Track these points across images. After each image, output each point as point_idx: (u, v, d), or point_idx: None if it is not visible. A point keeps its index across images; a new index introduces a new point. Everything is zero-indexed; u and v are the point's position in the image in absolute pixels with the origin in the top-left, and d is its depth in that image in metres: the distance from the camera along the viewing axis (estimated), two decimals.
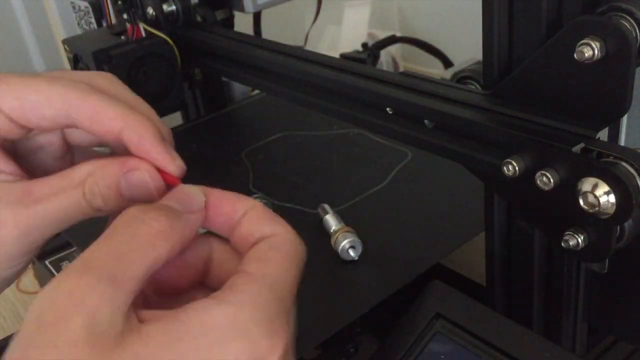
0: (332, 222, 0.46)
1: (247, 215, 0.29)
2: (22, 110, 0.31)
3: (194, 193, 0.29)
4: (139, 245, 0.26)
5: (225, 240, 0.31)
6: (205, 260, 0.31)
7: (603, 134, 0.30)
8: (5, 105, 0.31)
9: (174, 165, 0.31)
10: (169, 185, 0.31)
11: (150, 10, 0.57)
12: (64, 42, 0.59)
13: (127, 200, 0.31)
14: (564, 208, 0.30)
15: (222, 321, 0.25)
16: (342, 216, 0.47)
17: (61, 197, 0.31)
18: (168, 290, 0.30)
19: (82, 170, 0.31)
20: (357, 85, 0.40)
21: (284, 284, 0.27)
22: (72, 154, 0.35)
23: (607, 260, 0.33)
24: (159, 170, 0.31)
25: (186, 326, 0.24)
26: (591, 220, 0.29)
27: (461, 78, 0.57)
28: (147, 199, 0.31)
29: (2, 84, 0.31)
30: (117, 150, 0.32)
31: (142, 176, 0.31)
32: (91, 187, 0.30)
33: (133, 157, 0.31)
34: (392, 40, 0.94)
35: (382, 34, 0.98)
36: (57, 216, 0.31)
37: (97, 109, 0.30)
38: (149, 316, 0.25)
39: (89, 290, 0.24)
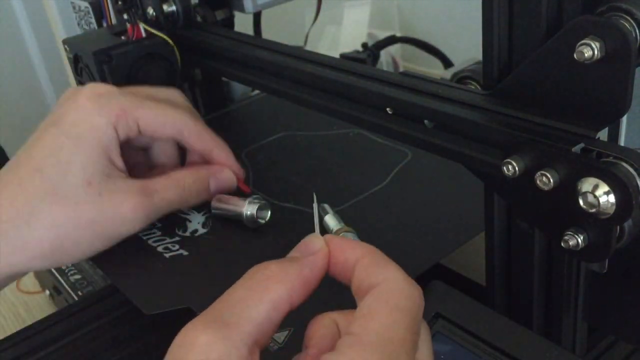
0: (332, 222, 0.46)
1: (359, 264, 0.28)
2: (153, 127, 0.46)
3: (312, 238, 0.30)
4: (252, 290, 0.27)
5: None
6: None
7: (603, 134, 0.30)
8: (142, 122, 0.45)
9: (242, 173, 0.51)
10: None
11: (150, 11, 0.57)
12: (64, 42, 0.59)
13: (213, 193, 0.49)
14: (564, 208, 0.30)
15: None
16: (342, 216, 0.47)
17: (169, 191, 0.46)
18: None
19: (180, 174, 0.47)
20: (357, 85, 0.40)
21: (391, 340, 0.25)
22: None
23: (607, 260, 0.33)
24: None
25: None
26: (591, 221, 0.29)
27: (461, 78, 0.57)
28: (227, 191, 0.49)
29: (143, 106, 0.46)
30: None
31: (229, 174, 0.49)
32: (188, 184, 0.47)
33: (215, 165, 0.49)
34: (392, 40, 0.94)
35: (382, 34, 0.98)
36: (166, 205, 0.45)
37: (202, 133, 0.48)
38: None
39: (201, 331, 0.25)
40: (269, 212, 0.48)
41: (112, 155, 0.44)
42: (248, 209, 0.47)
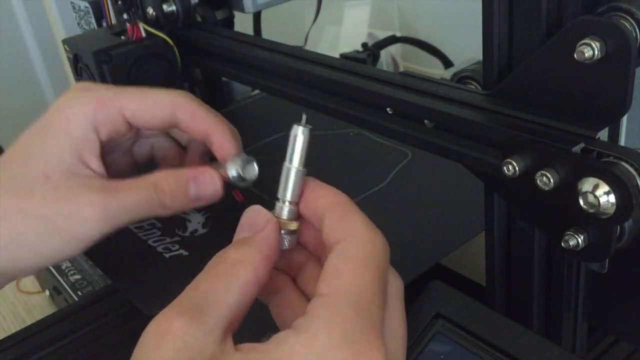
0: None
1: (328, 214, 0.29)
2: (140, 113, 0.39)
3: (255, 212, 0.31)
4: (219, 278, 0.27)
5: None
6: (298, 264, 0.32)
7: (603, 134, 0.30)
8: (128, 110, 0.39)
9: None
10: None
11: (150, 10, 0.57)
12: (64, 42, 0.59)
13: (193, 199, 0.38)
14: (564, 208, 0.30)
15: (299, 350, 0.24)
16: None
17: (136, 190, 0.38)
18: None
19: (155, 175, 0.39)
20: (357, 85, 0.40)
21: (361, 295, 0.26)
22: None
23: (607, 260, 0.33)
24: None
25: (266, 356, 0.25)
26: (591, 220, 0.29)
27: (461, 78, 0.57)
28: (210, 198, 0.38)
29: (126, 92, 0.40)
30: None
31: (212, 178, 0.38)
32: (162, 185, 0.38)
33: (201, 167, 0.39)
34: (392, 40, 0.94)
35: (382, 34, 0.98)
36: (132, 206, 0.38)
37: (196, 111, 0.40)
38: (243, 347, 0.26)
39: (175, 318, 0.25)
40: (256, 168, 0.40)
41: (83, 152, 0.38)
42: (231, 169, 0.39)
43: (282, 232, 0.31)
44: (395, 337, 0.28)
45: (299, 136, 0.31)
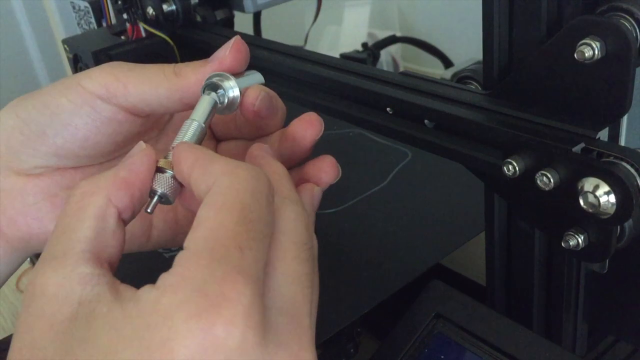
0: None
1: (192, 176, 0.27)
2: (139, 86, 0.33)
3: (136, 145, 0.29)
4: (70, 216, 0.26)
5: None
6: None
7: (603, 134, 0.30)
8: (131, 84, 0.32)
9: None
10: None
11: (150, 10, 0.57)
12: (64, 42, 0.59)
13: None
14: (564, 208, 0.30)
15: (144, 310, 0.23)
16: (342, 216, 0.47)
17: None
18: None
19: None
20: (357, 85, 0.40)
21: (217, 240, 0.23)
22: None
23: (607, 260, 0.33)
24: None
25: (122, 315, 0.23)
26: (591, 221, 0.29)
27: (461, 78, 0.57)
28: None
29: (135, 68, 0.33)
30: None
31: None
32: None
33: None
34: (392, 40, 0.94)
35: (382, 34, 0.98)
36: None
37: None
38: (125, 293, 0.24)
39: (39, 275, 0.24)
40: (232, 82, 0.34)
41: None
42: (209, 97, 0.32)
43: (169, 173, 0.28)
44: (284, 274, 0.25)
45: (207, 99, 0.31)
